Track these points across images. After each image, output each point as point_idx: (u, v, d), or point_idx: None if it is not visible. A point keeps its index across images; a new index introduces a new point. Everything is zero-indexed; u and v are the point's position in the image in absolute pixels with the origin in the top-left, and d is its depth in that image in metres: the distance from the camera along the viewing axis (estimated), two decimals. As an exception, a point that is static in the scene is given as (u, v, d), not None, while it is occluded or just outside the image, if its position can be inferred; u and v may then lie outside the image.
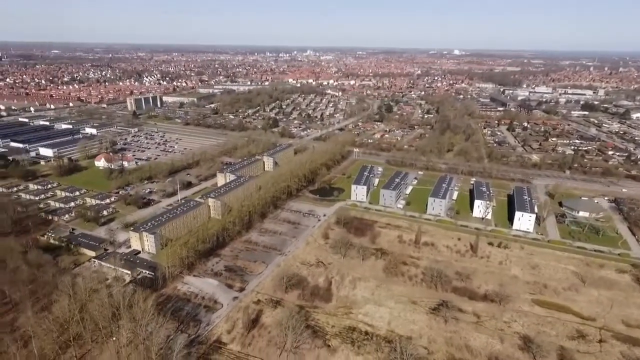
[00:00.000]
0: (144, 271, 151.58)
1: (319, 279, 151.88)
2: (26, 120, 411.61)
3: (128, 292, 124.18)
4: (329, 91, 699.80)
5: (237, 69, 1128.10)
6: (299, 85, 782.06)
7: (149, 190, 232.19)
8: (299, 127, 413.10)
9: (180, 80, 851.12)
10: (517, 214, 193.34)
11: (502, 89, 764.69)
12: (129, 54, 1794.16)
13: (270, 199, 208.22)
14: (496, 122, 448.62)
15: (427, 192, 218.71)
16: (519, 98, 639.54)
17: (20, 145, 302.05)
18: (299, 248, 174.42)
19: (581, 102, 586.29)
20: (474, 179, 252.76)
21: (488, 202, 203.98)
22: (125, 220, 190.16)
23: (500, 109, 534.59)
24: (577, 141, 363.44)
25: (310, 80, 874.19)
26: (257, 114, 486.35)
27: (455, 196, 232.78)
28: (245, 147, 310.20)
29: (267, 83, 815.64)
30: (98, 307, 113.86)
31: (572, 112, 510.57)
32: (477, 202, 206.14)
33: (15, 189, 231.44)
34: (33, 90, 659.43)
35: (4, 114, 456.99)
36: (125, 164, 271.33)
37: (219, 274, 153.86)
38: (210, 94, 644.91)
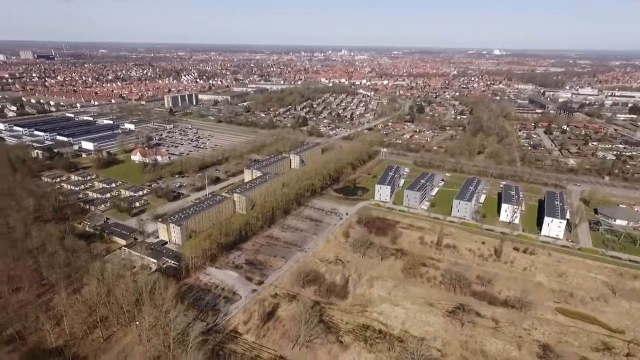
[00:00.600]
0: (169, 261, 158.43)
1: (337, 277, 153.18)
2: (72, 115, 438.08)
3: (152, 280, 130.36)
4: (360, 91, 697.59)
5: (272, 68, 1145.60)
6: (331, 84, 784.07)
7: (179, 184, 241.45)
8: (328, 126, 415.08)
9: (216, 78, 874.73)
10: (547, 220, 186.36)
11: (542, 91, 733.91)
12: (170, 53, 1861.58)
13: (294, 196, 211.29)
14: (533, 124, 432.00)
15: (454, 194, 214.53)
16: (560, 100, 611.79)
17: (65, 139, 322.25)
18: (319, 245, 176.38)
19: (629, 105, 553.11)
20: (504, 183, 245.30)
21: (516, 206, 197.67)
22: (155, 211, 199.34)
23: (539, 111, 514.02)
24: (620, 146, 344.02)
25: (343, 80, 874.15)
26: (288, 113, 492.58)
27: (482, 199, 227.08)
28: (273, 145, 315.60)
29: (299, 82, 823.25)
30: (123, 292, 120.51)
31: (618, 116, 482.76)
32: (504, 206, 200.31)
33: (58, 179, 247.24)
34: (80, 88, 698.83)
35: (53, 109, 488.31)
36: (159, 158, 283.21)
37: (240, 267, 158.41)
38: (243, 92, 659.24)
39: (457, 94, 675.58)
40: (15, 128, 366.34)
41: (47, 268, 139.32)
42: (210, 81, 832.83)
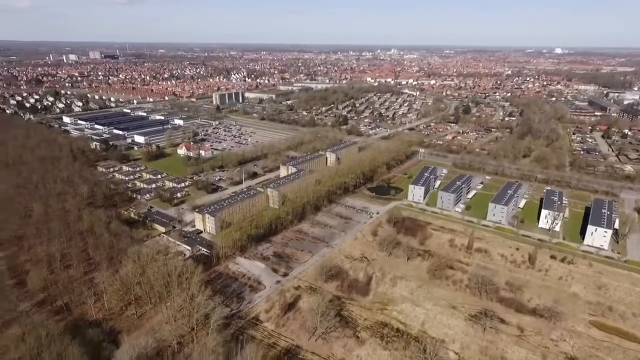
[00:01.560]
0: (202, 249, 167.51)
1: (360, 274, 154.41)
2: (128, 111, 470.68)
3: (184, 265, 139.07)
4: (406, 91, 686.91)
5: (319, 68, 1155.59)
6: (376, 84, 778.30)
7: (218, 177, 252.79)
8: (369, 126, 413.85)
9: (263, 77, 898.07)
10: (590, 228, 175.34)
11: (605, 92, 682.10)
12: (223, 52, 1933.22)
13: (326, 193, 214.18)
14: (589, 127, 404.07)
15: (491, 198, 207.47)
16: (625, 102, 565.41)
17: (120, 132, 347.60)
18: (346, 242, 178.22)
19: None
20: (548, 187, 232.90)
21: (557, 213, 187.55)
22: (194, 202, 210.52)
23: (598, 113, 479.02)
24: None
25: (389, 80, 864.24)
26: (330, 112, 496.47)
27: (522, 204, 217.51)
28: (311, 143, 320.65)
29: (344, 82, 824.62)
30: (156, 275, 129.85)
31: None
32: (544, 212, 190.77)
33: (112, 169, 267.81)
34: (138, 85, 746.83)
35: (113, 105, 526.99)
36: (202, 153, 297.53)
37: (267, 259, 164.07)
38: (289, 91, 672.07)
39: (509, 94, 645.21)
40: (79, 122, 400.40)
41: (94, 249, 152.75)
42: (258, 80, 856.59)
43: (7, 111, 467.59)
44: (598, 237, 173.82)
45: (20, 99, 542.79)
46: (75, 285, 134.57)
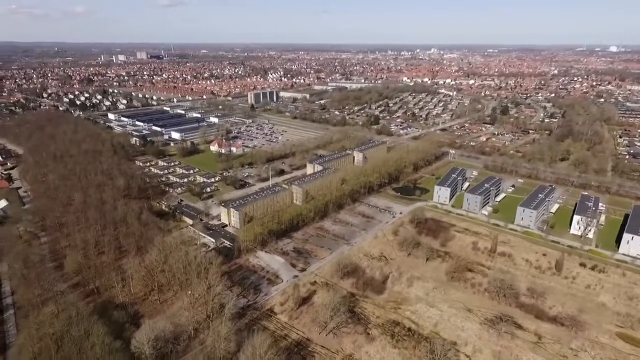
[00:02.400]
0: (225, 241, 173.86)
1: (377, 272, 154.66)
2: (168, 109, 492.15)
3: (204, 256, 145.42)
4: (442, 91, 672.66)
5: (355, 67, 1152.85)
6: (412, 84, 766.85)
7: (247, 174, 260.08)
8: (400, 126, 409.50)
9: (299, 77, 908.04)
10: (626, 236, 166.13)
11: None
12: (262, 52, 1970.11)
13: (349, 192, 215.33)
14: (639, 130, 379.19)
15: (521, 201, 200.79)
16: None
17: (158, 129, 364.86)
18: (366, 240, 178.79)
19: None
20: (584, 193, 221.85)
21: (590, 219, 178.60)
22: (221, 197, 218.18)
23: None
24: None
25: (426, 79, 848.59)
26: (362, 111, 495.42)
27: (554, 209, 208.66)
28: (339, 142, 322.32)
29: (380, 81, 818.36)
30: (178, 264, 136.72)
31: None
32: (576, 218, 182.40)
33: (148, 163, 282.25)
34: (179, 84, 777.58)
35: (154, 103, 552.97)
36: (234, 149, 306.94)
37: (287, 254, 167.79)
38: (323, 90, 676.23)
39: (552, 95, 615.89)
40: (122, 118, 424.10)
41: (124, 237, 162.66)
42: (294, 79, 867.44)
43: (60, 108, 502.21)
44: (635, 245, 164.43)
45: (72, 97, 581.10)
46: (105, 270, 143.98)
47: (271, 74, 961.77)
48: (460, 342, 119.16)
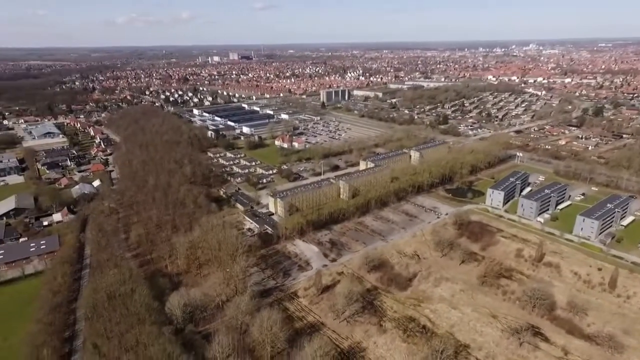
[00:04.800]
0: (268, 228, 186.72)
1: (406, 269, 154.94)
2: (245, 105, 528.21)
3: (241, 238, 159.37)
4: (530, 90, 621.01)
5: (438, 66, 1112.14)
6: (496, 82, 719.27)
7: (302, 168, 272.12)
8: (471, 126, 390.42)
9: (378, 75, 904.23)
10: None
11: None
12: (345, 52, 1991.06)
13: (396, 190, 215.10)
14: None
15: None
16: None
17: (232, 124, 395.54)
18: (402, 238, 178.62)
19: None
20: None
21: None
22: (275, 188, 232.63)
23: None
24: None
25: (514, 78, 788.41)
26: (434, 111, 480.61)
27: (627, 221, 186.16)
28: (400, 141, 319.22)
29: (461, 80, 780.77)
30: (215, 244, 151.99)
31: None
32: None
33: (218, 155, 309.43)
34: (262, 83, 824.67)
35: (235, 100, 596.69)
36: (296, 145, 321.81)
37: (322, 244, 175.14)
38: (398, 89, 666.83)
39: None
40: (204, 114, 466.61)
41: (179, 217, 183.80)
42: (371, 78, 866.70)
43: (157, 104, 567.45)
44: None
45: (168, 94, 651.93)
46: (160, 244, 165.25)
47: (350, 73, 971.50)
48: (475, 346, 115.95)
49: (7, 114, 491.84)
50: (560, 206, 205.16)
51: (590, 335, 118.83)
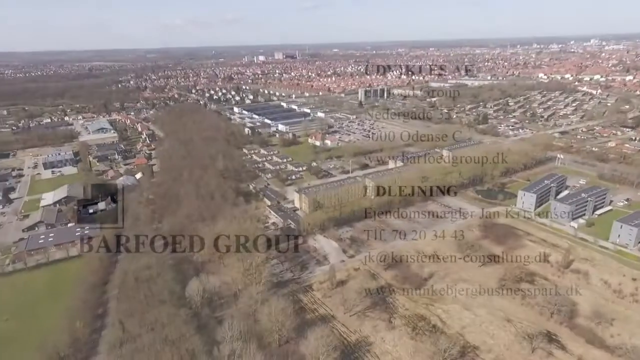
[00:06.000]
0: (291, 223, 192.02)
1: (422, 269, 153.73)
2: (283, 104, 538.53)
3: (271, 233, 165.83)
4: (584, 88, 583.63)
5: (486, 63, 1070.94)
6: (547, 80, 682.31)
7: (332, 165, 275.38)
8: (512, 126, 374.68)
9: (420, 74, 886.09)
10: None
11: None
12: (390, 50, 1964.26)
13: (422, 189, 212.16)
14: None
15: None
16: None
17: (268, 122, 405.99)
18: (423, 238, 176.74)
19: None
20: None
21: None
22: (302, 184, 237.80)
23: None
24: None
25: (568, 76, 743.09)
26: (474, 110, 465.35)
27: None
28: (433, 140, 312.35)
29: (510, 78, 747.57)
30: (241, 234, 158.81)
31: None
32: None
33: (252, 151, 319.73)
34: (303, 82, 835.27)
35: (275, 98, 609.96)
36: (328, 142, 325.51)
37: (342, 240, 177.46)
38: (439, 88, 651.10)
39: None
40: (243, 111, 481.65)
41: (206, 209, 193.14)
42: (413, 77, 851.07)
43: (201, 102, 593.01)
44: None
45: (212, 92, 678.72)
46: (189, 234, 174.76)
47: (392, 71, 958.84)
48: (484, 348, 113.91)
49: (68, 110, 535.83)
50: (599, 211, 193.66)
51: (612, 347, 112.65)
